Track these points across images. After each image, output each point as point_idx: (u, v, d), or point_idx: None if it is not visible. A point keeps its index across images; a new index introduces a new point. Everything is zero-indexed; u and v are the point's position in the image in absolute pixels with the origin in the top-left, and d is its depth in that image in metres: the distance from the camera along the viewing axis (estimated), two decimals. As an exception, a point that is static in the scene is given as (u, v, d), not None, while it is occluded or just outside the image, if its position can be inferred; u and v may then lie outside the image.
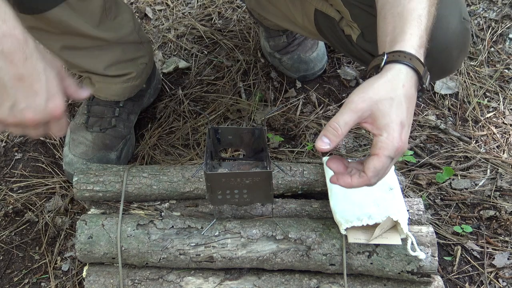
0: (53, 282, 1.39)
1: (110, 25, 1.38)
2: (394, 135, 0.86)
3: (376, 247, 1.17)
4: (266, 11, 1.60)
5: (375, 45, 1.02)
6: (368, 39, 1.18)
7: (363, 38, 1.20)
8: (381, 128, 0.87)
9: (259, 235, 1.19)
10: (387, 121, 0.86)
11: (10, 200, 1.56)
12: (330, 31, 1.32)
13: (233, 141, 1.22)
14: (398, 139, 0.86)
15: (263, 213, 1.26)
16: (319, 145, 0.87)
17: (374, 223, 1.14)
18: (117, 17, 1.40)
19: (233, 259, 1.19)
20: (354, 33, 1.21)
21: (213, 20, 2.03)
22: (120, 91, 1.52)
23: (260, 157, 1.22)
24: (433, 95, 1.76)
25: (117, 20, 1.40)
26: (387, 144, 0.86)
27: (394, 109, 0.87)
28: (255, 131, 1.18)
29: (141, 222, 1.21)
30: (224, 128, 1.20)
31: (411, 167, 1.57)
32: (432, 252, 1.16)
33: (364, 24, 1.18)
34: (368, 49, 1.20)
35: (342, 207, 1.18)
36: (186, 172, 1.29)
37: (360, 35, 1.20)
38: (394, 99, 0.87)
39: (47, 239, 1.47)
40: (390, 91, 0.87)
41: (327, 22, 1.31)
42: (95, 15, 1.34)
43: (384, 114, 0.87)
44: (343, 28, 1.26)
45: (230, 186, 1.10)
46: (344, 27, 1.25)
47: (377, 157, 0.86)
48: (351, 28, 1.22)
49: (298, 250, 1.17)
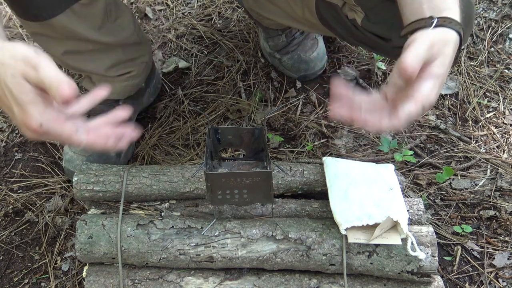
0: (53, 282, 1.39)
1: (111, 28, 1.39)
2: (437, 89, 0.84)
3: (376, 247, 1.17)
4: (265, 10, 1.60)
5: (381, 26, 1.00)
6: (373, 20, 1.18)
7: (368, 20, 1.20)
8: (431, 75, 0.84)
9: (259, 235, 1.19)
10: (440, 73, 0.84)
11: (10, 200, 1.56)
12: (333, 19, 1.32)
13: (233, 141, 1.22)
14: (437, 94, 0.84)
15: (263, 213, 1.26)
16: (414, 64, 0.80)
17: (374, 223, 1.14)
18: (117, 19, 1.40)
19: (233, 259, 1.18)
20: (358, 16, 1.21)
21: (213, 20, 2.03)
22: (120, 89, 1.53)
23: (260, 157, 1.22)
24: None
25: (118, 22, 1.41)
26: (428, 94, 0.83)
27: (447, 67, 0.85)
28: (255, 131, 1.18)
29: (141, 222, 1.21)
30: (224, 128, 1.20)
31: (411, 167, 1.57)
32: (432, 252, 1.16)
33: (368, 6, 1.17)
34: (374, 30, 1.20)
35: (342, 207, 1.18)
36: (186, 172, 1.29)
37: (364, 17, 1.20)
38: (450, 59, 0.86)
39: (47, 239, 1.47)
40: (449, 49, 0.86)
41: (329, 10, 1.31)
42: (97, 19, 1.34)
43: (442, 64, 0.85)
44: (347, 13, 1.25)
45: (230, 186, 1.10)
46: (347, 12, 1.25)
47: (415, 103, 0.82)
48: (354, 12, 1.22)
49: (298, 250, 1.17)
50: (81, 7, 1.28)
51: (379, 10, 1.14)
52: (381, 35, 1.20)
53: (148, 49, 1.57)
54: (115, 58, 1.45)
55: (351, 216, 1.15)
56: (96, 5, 1.31)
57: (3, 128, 1.77)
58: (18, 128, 0.83)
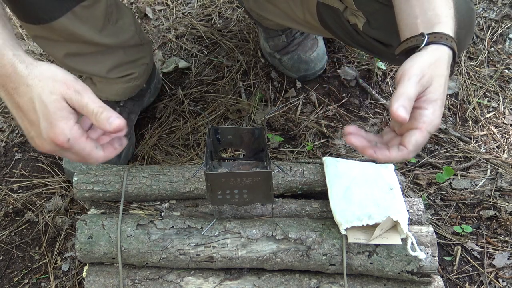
0: (53, 282, 1.39)
1: (112, 30, 1.39)
2: (439, 112, 0.86)
3: (376, 247, 1.17)
4: (265, 11, 1.60)
5: (382, 31, 1.01)
6: (374, 26, 1.19)
7: (369, 25, 1.20)
8: (429, 102, 0.86)
9: (259, 235, 1.19)
10: (437, 97, 0.87)
11: (10, 200, 1.56)
12: (334, 23, 1.32)
13: (233, 141, 1.22)
14: (440, 116, 0.87)
15: (263, 213, 1.26)
16: (403, 114, 0.83)
17: (374, 223, 1.13)
18: (118, 21, 1.40)
19: (233, 259, 1.18)
20: (359, 21, 1.22)
21: (213, 20, 2.03)
22: (121, 91, 1.53)
23: (260, 157, 1.22)
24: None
25: (119, 24, 1.41)
26: (431, 120, 0.86)
27: (443, 87, 0.88)
28: (255, 131, 1.18)
29: (141, 222, 1.21)
30: (224, 128, 1.20)
31: (411, 167, 1.57)
32: (432, 252, 1.16)
33: (369, 11, 1.18)
34: (375, 36, 1.21)
35: (342, 207, 1.18)
36: (186, 172, 1.29)
37: (366, 23, 1.20)
38: (445, 78, 0.88)
39: (47, 239, 1.47)
40: (442, 69, 0.88)
41: (330, 13, 1.31)
42: (98, 21, 1.34)
43: (436, 88, 0.87)
44: (348, 17, 1.26)
45: (230, 186, 1.10)
46: (349, 16, 1.25)
47: (420, 131, 0.85)
48: (356, 17, 1.22)
49: (298, 250, 1.17)
50: (83, 9, 1.27)
51: (380, 16, 1.14)
52: (382, 41, 1.20)
53: (149, 50, 1.57)
54: (117, 60, 1.45)
55: (351, 216, 1.15)
56: (98, 7, 1.31)
57: (3, 128, 1.77)
58: (31, 141, 0.85)
